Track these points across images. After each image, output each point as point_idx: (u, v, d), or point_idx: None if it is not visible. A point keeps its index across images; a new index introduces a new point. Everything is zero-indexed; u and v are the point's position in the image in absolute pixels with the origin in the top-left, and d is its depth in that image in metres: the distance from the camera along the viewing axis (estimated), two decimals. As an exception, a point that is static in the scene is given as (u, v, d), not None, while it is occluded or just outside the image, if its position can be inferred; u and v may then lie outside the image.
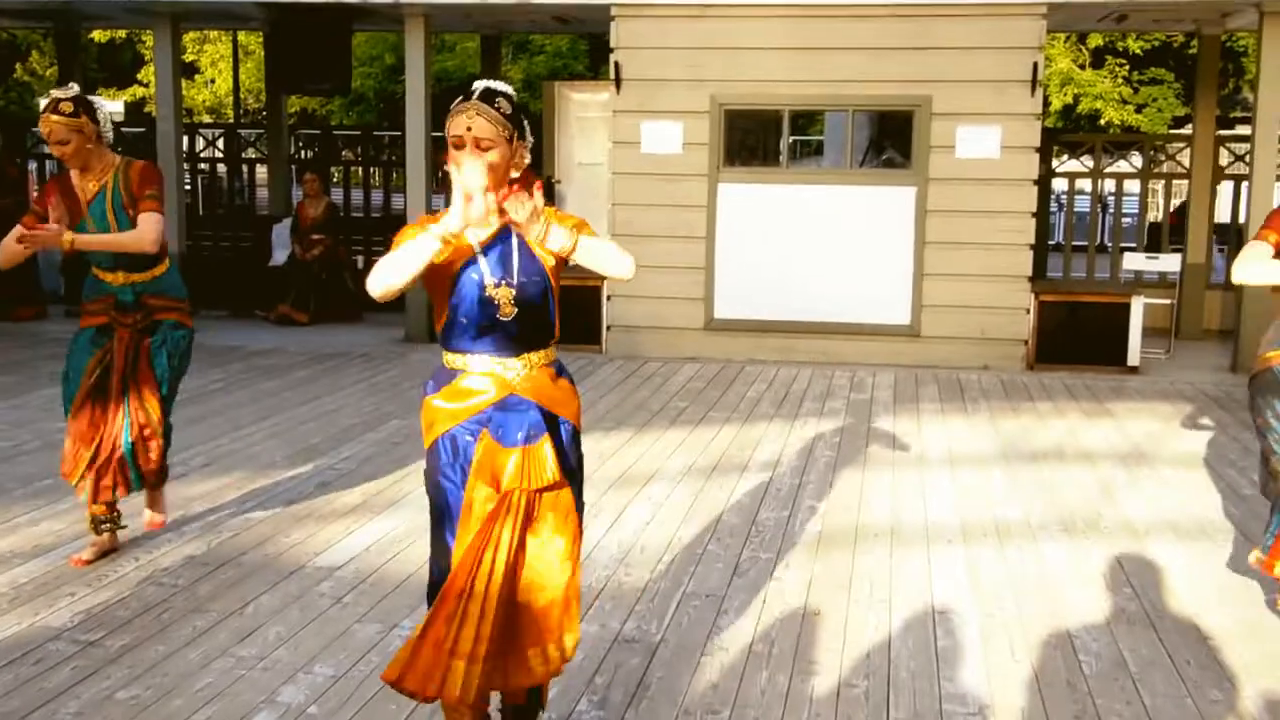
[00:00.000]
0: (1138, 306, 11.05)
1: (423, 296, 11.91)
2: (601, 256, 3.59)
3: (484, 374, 3.61)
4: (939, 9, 10.87)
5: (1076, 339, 11.14)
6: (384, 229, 14.47)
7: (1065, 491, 7.05)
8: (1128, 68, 31.53)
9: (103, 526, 5.67)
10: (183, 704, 4.17)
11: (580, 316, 11.58)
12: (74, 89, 5.49)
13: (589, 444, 7.88)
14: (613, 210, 11.48)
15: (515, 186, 3.50)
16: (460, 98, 3.51)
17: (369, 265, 14.07)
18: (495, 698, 3.73)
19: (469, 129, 3.42)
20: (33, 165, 15.34)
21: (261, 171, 15.52)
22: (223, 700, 4.21)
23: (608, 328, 11.56)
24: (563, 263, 3.62)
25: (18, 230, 5.33)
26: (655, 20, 11.24)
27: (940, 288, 11.16)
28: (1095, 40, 30.55)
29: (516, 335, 3.58)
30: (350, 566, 5.58)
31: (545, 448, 3.52)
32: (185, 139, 14.52)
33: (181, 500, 6.46)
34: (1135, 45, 30.74)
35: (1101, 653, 4.76)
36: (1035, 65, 10.89)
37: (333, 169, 14.96)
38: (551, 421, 3.60)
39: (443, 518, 3.61)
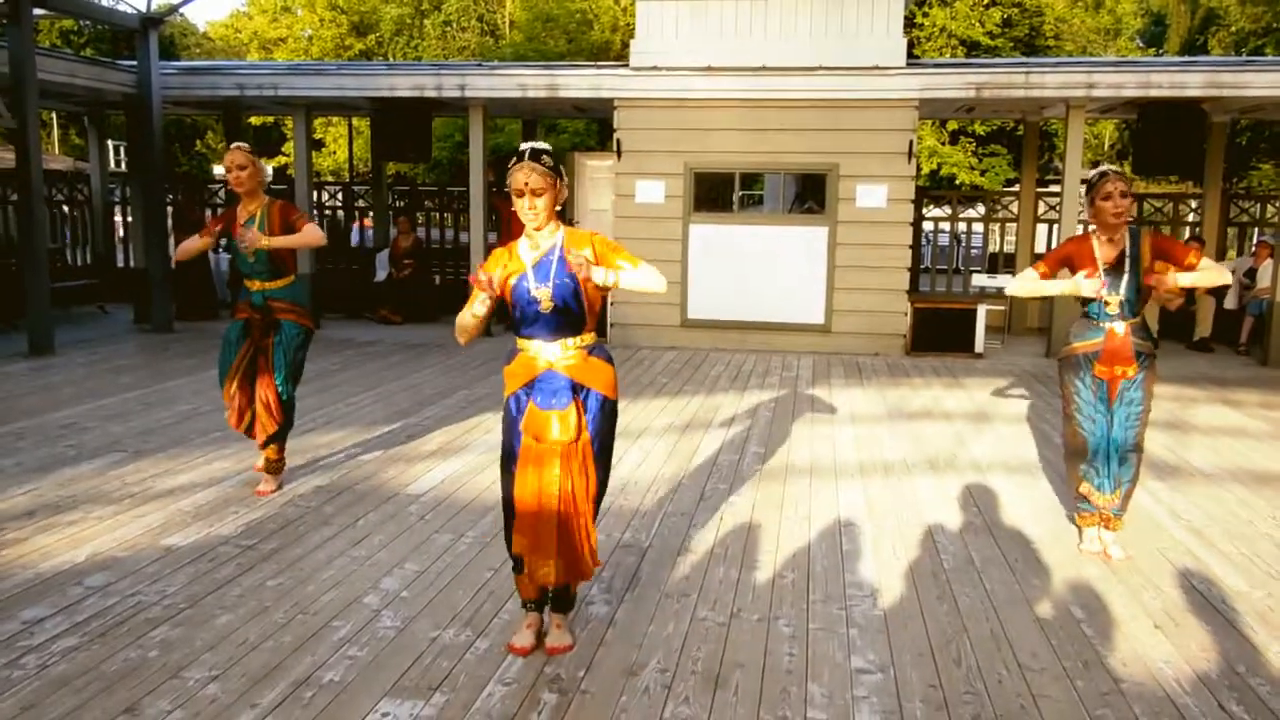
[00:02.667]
0: (981, 311, 11.06)
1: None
2: (640, 283, 3.56)
3: (533, 355, 3.58)
4: (845, 103, 10.83)
5: (940, 334, 11.14)
6: (455, 256, 14.44)
7: (931, 440, 7.05)
8: (974, 144, 31.53)
9: (274, 465, 5.56)
10: (314, 589, 4.17)
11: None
12: (246, 146, 5.39)
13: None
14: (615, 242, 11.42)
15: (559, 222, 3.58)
16: (515, 157, 3.45)
17: (444, 282, 14.07)
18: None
19: (526, 183, 3.42)
20: (209, 212, 15.24)
21: (368, 216, 15.47)
22: (342, 587, 4.20)
23: (611, 324, 11.53)
24: (600, 261, 3.57)
25: (200, 237, 5.48)
26: (645, 110, 11.19)
27: (846, 297, 11.14)
28: (952, 124, 30.56)
29: (554, 326, 3.53)
30: (430, 494, 5.57)
31: (572, 413, 3.50)
32: (315, 193, 14.46)
33: (311, 447, 6.45)
34: (980, 128, 30.73)
35: (956, 552, 4.76)
36: (911, 142, 10.88)
37: (418, 214, 14.85)
38: (583, 391, 3.56)
39: (506, 451, 3.65)
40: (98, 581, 4.18)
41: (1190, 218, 13.81)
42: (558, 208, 3.55)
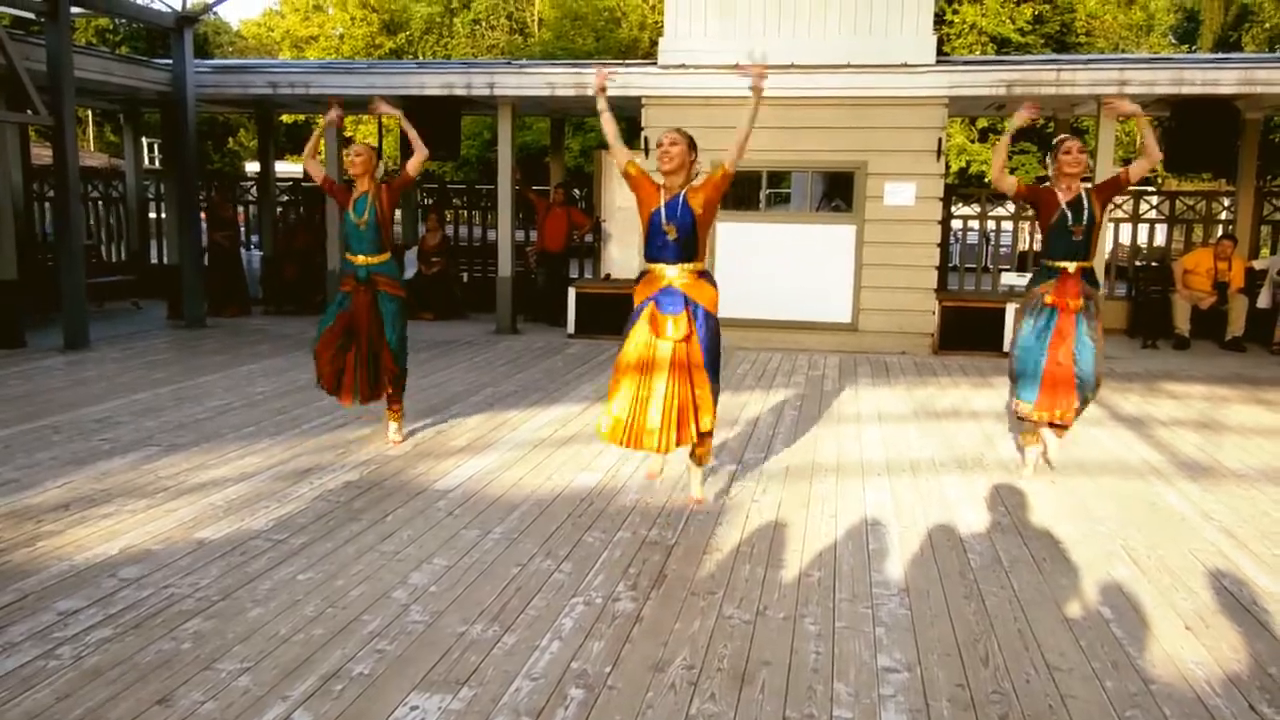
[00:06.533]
0: (1010, 310, 10.95)
1: (508, 306, 11.95)
2: (746, 121, 5.07)
3: (659, 274, 4.85)
4: (874, 100, 10.79)
5: (968, 333, 11.07)
6: (483, 254, 14.49)
7: (959, 439, 7.01)
8: (1005, 141, 31.24)
9: (397, 417, 6.62)
10: (343, 583, 4.20)
11: (621, 313, 11.58)
12: (368, 144, 6.38)
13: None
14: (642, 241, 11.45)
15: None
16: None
17: (473, 280, 14.12)
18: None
19: (667, 135, 4.89)
20: (241, 209, 15.38)
21: (397, 212, 15.58)
22: (371, 581, 4.23)
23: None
24: (711, 213, 4.91)
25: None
26: (673, 107, 11.17)
27: (873, 296, 11.10)
28: (982, 122, 30.34)
29: (675, 253, 4.77)
30: (458, 490, 5.60)
31: (684, 317, 4.76)
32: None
33: (341, 443, 6.50)
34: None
35: (984, 552, 4.73)
36: (940, 140, 10.82)
37: (446, 211, 14.92)
38: (693, 305, 4.80)
39: (625, 335, 4.95)
40: (131, 574, 4.23)
41: (1223, 216, 13.63)
42: (693, 167, 4.91)
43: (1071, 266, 5.67)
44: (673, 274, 4.80)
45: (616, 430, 4.87)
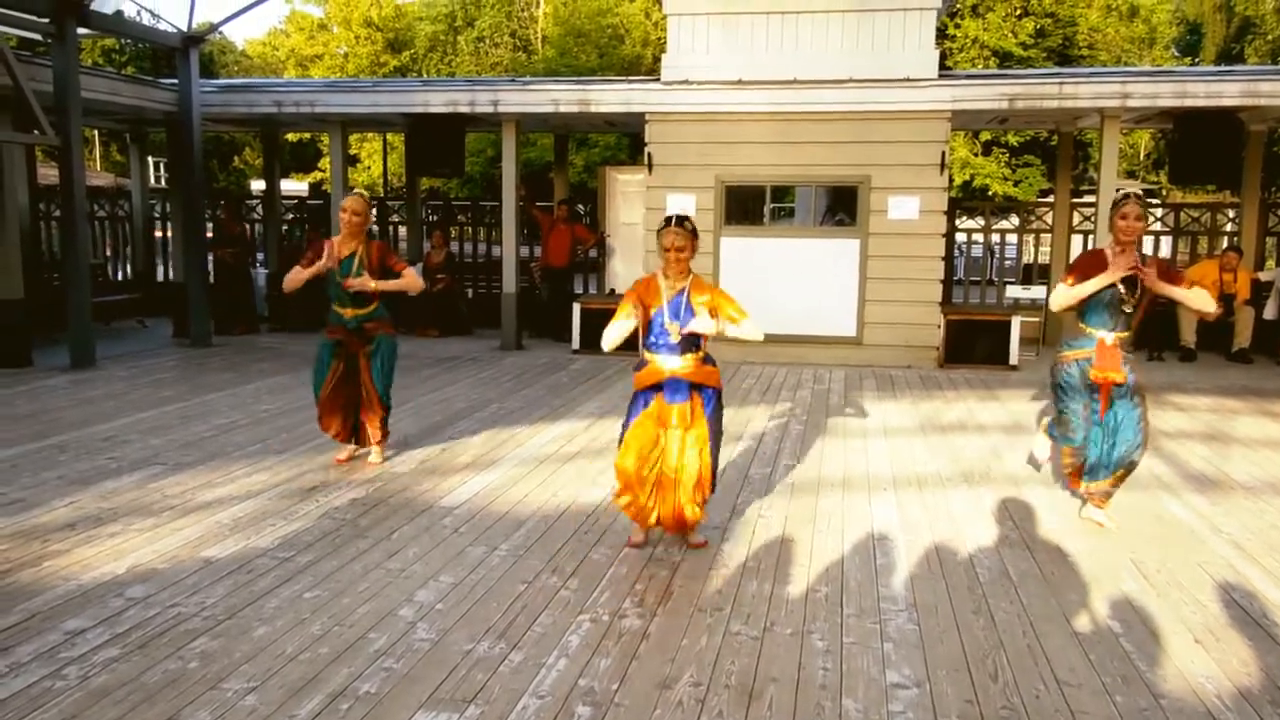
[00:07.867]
0: (1016, 323, 10.97)
1: (512, 321, 11.96)
2: (740, 334, 4.74)
3: (660, 366, 4.71)
4: (877, 114, 10.81)
5: (973, 346, 11.05)
6: (487, 270, 14.52)
7: (966, 453, 6.99)
8: (1008, 154, 31.32)
9: (381, 441, 6.52)
10: (350, 601, 4.19)
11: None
12: (365, 194, 6.35)
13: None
14: (646, 256, 11.47)
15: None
16: (664, 221, 4.71)
17: (478, 296, 14.10)
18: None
19: (674, 243, 4.64)
20: (248, 227, 15.43)
21: (402, 230, 15.61)
22: (377, 599, 4.23)
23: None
24: (715, 310, 4.69)
25: (303, 267, 6.25)
26: (676, 123, 11.22)
27: (877, 310, 11.09)
28: (985, 135, 30.39)
29: (680, 346, 4.68)
30: (464, 506, 5.59)
31: (689, 406, 4.70)
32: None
33: (348, 461, 6.49)
34: (1013, 139, 30.52)
35: (992, 566, 4.72)
36: (943, 153, 10.83)
37: (451, 228, 14.96)
38: (697, 388, 4.74)
39: (626, 425, 4.83)
40: (138, 593, 4.23)
41: (1228, 227, 13.62)
42: (695, 248, 4.72)
43: (1110, 338, 5.21)
44: (675, 365, 4.69)
45: (630, 506, 4.82)
